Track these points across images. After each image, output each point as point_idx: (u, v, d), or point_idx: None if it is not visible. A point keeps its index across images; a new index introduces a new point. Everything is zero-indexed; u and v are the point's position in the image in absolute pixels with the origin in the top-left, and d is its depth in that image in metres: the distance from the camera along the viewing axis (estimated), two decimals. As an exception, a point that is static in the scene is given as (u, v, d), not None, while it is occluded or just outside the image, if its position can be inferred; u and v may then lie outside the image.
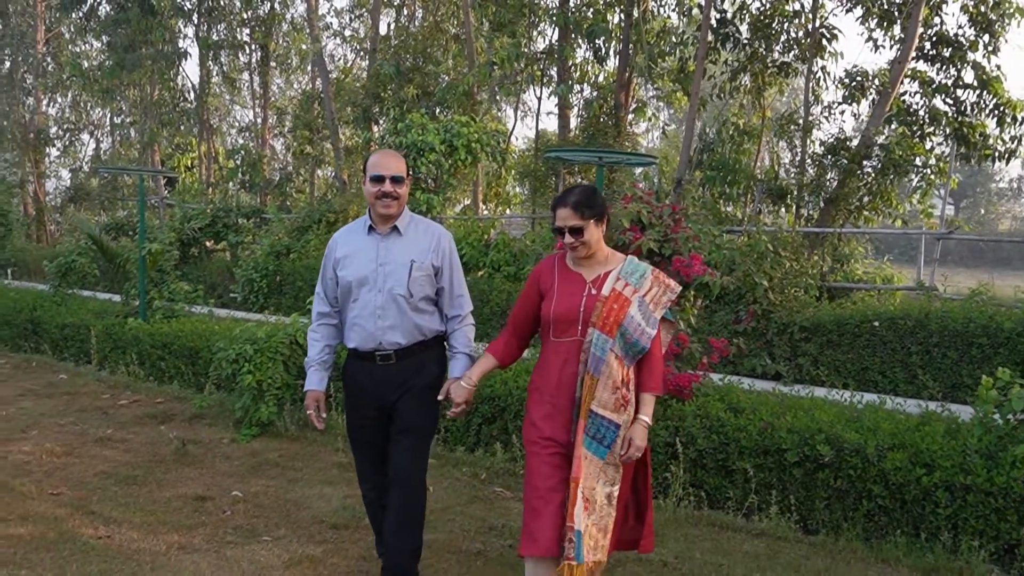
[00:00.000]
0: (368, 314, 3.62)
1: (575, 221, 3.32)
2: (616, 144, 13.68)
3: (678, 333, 5.69)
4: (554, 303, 3.38)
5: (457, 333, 3.77)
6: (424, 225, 3.81)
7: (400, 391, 3.65)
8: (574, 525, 3.19)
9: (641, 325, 3.31)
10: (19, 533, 4.58)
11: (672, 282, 3.51)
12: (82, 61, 24.85)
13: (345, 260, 3.70)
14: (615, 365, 3.28)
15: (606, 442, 3.29)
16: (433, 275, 3.67)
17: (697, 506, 5.28)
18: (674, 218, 5.70)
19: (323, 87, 18.24)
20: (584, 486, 3.24)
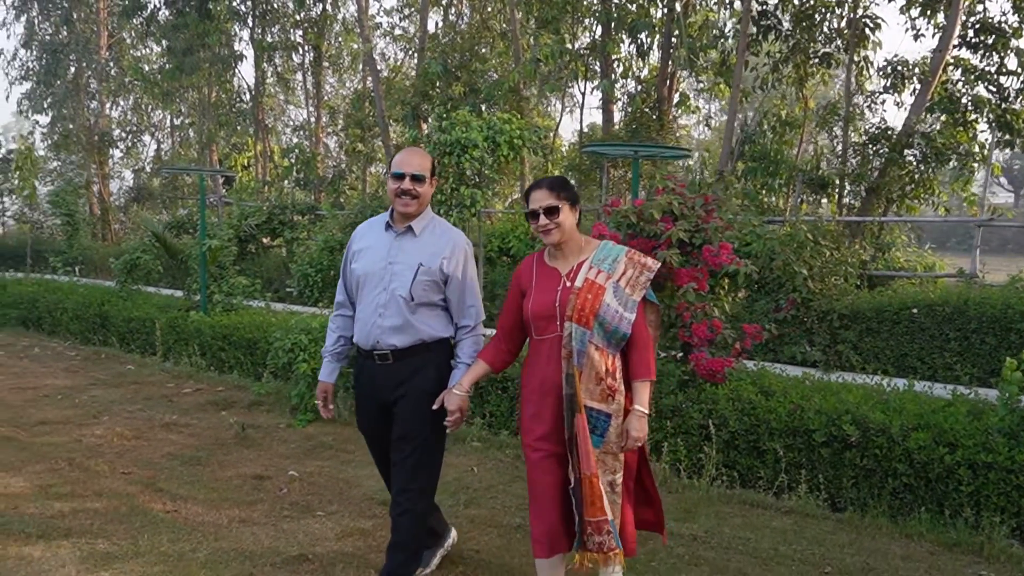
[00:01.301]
0: (371, 311, 3.58)
1: (550, 201, 3.30)
2: (659, 137, 13.82)
3: (712, 320, 5.89)
4: (531, 301, 3.35)
5: (463, 343, 3.67)
6: (442, 230, 3.70)
7: (397, 393, 3.59)
8: (607, 517, 3.26)
9: (619, 311, 3.25)
10: (95, 507, 4.98)
11: (649, 260, 3.41)
12: (143, 65, 25.63)
13: (359, 254, 3.68)
14: (596, 356, 3.24)
15: (599, 431, 3.28)
16: (441, 281, 3.58)
17: (730, 485, 5.49)
18: (706, 209, 5.90)
19: (374, 86, 18.66)
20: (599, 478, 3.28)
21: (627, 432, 3.29)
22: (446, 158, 7.04)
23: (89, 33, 25.81)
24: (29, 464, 5.78)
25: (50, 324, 12.20)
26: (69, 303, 11.92)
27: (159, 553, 4.30)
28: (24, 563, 4.12)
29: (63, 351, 10.80)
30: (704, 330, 5.81)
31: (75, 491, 5.23)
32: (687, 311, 5.89)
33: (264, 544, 4.49)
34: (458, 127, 7.05)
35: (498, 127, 7.00)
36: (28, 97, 27.18)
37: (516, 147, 7.06)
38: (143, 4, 22.29)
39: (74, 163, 27.84)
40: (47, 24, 26.40)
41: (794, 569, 4.30)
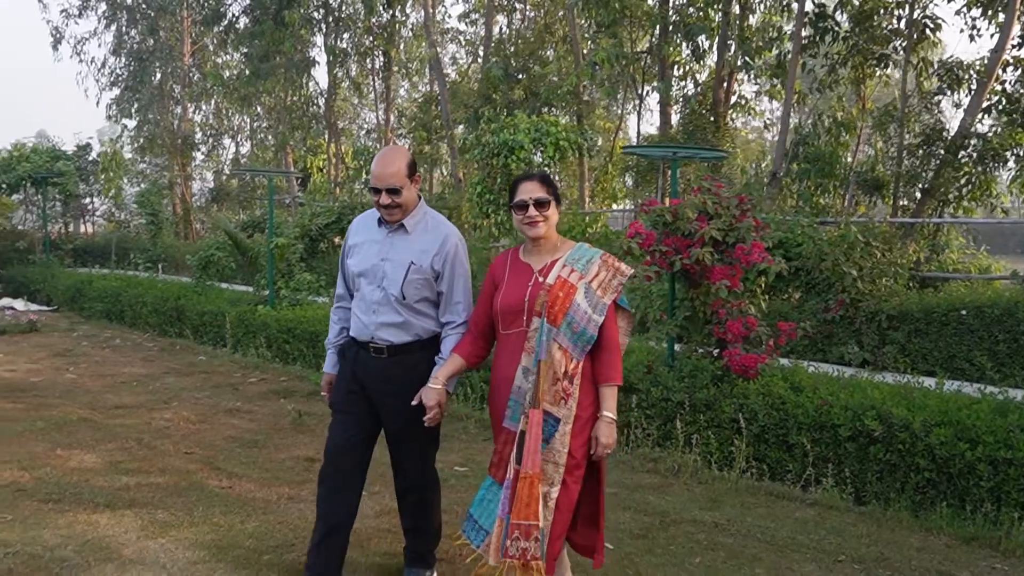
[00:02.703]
0: (365, 307, 3.56)
1: (541, 193, 3.26)
2: (714, 140, 13.87)
3: (747, 317, 6.04)
4: (502, 295, 3.31)
5: (447, 340, 3.58)
6: (434, 224, 3.61)
7: (387, 388, 3.56)
8: (538, 523, 3.10)
9: (588, 313, 3.18)
10: (158, 482, 5.41)
11: (623, 265, 3.35)
12: (223, 71, 26.63)
13: (354, 249, 3.66)
14: (558, 356, 3.16)
15: (544, 436, 3.15)
16: (433, 279, 3.51)
17: (758, 477, 5.65)
18: (741, 208, 6.04)
19: (440, 90, 19.11)
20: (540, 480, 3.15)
21: (596, 439, 3.19)
22: (494, 159, 7.32)
23: (173, 41, 26.89)
24: (102, 443, 6.27)
25: (131, 317, 12.91)
26: (148, 297, 12.60)
27: (211, 523, 4.68)
28: (91, 528, 4.53)
29: (142, 342, 11.44)
30: (739, 327, 5.96)
31: (141, 467, 5.68)
32: (722, 308, 6.06)
33: (308, 519, 4.81)
34: (506, 129, 7.32)
35: (545, 129, 7.24)
36: (117, 102, 28.45)
37: (562, 148, 7.29)
38: (223, 13, 23.23)
39: (158, 165, 29.03)
40: (135, 33, 27.60)
41: (808, 556, 4.44)
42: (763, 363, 5.93)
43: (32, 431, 6.54)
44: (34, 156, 18.72)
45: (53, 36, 27.60)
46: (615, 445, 3.26)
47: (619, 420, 6.33)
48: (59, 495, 5.04)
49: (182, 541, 4.40)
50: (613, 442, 3.23)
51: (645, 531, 4.75)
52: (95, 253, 20.41)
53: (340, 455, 3.68)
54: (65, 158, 19.71)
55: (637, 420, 6.26)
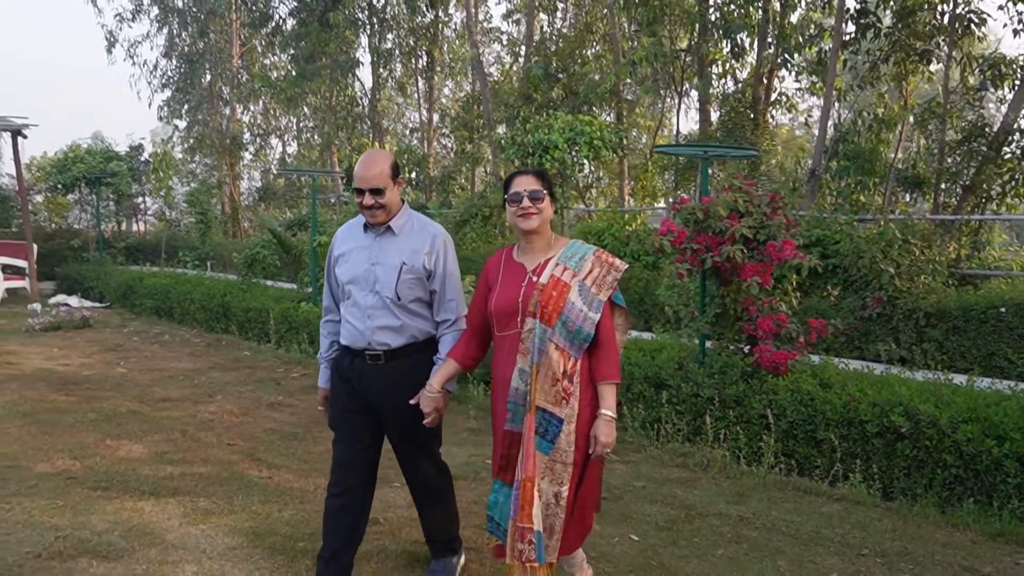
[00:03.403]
0: (359, 313, 3.54)
1: (536, 186, 3.23)
2: (753, 137, 13.81)
3: (778, 314, 6.08)
4: (495, 296, 3.27)
5: (444, 339, 3.60)
6: (421, 225, 3.62)
7: (387, 394, 3.55)
8: (532, 526, 3.07)
9: (583, 311, 3.12)
10: (201, 472, 5.62)
11: (617, 261, 3.31)
12: (270, 73, 27.11)
13: (341, 258, 3.65)
14: (555, 356, 3.12)
15: (549, 437, 3.13)
16: (425, 277, 3.52)
17: (787, 473, 5.69)
18: (772, 206, 6.08)
19: (481, 89, 19.28)
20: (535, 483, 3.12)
21: (595, 438, 3.14)
22: (529, 158, 7.43)
23: (223, 43, 27.43)
24: (149, 434, 6.52)
25: (179, 313, 13.26)
26: (196, 294, 12.93)
27: (250, 511, 4.87)
28: (137, 514, 4.75)
29: (189, 338, 11.76)
30: (769, 323, 6.01)
31: (185, 458, 5.91)
32: (753, 305, 6.11)
33: (343, 508, 4.99)
34: (540, 129, 7.43)
35: (579, 128, 7.33)
36: (168, 104, 29.11)
37: (596, 147, 7.37)
38: (270, 15, 23.66)
39: (208, 165, 29.63)
40: (185, 36, 28.22)
41: (831, 550, 4.49)
42: (793, 359, 5.97)
43: (83, 422, 6.82)
44: (88, 157, 19.25)
45: (107, 40, 28.32)
46: (614, 444, 3.20)
47: (649, 415, 6.47)
48: (107, 483, 5.28)
49: (222, 528, 4.60)
50: (612, 441, 3.16)
51: (670, 523, 4.84)
52: (146, 251, 20.92)
53: (347, 470, 3.71)
54: (118, 159, 20.24)
55: (667, 415, 6.33)
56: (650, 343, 7.43)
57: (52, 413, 7.10)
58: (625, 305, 3.39)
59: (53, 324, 12.32)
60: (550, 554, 3.17)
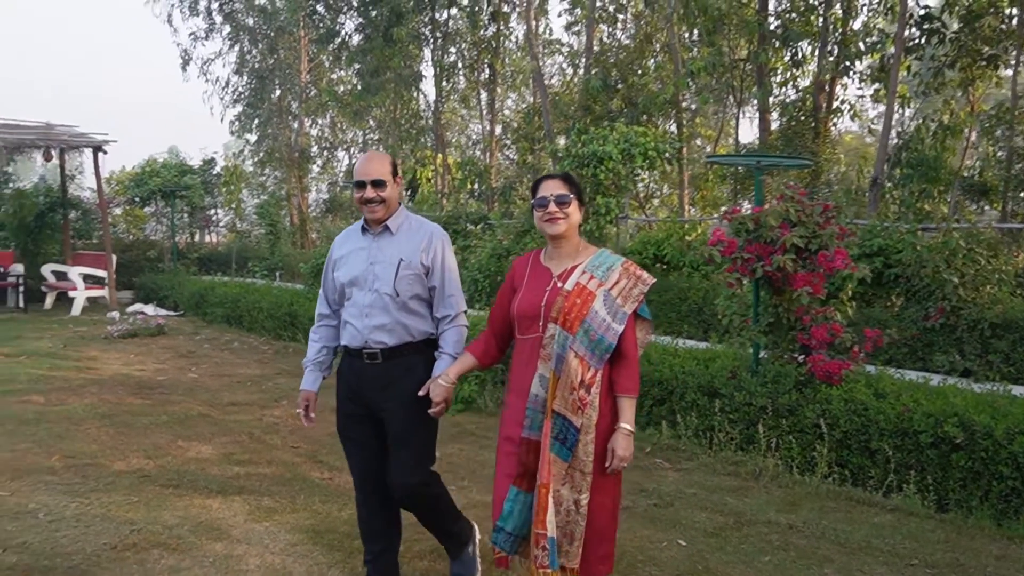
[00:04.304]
0: (357, 313, 3.57)
1: (563, 191, 3.21)
2: (814, 146, 13.69)
3: (832, 324, 6.08)
4: (519, 299, 3.25)
5: (446, 333, 3.62)
6: (418, 224, 3.68)
7: (385, 394, 3.57)
8: (546, 532, 3.03)
9: (606, 321, 3.09)
10: (265, 472, 5.87)
11: (645, 274, 3.24)
12: (337, 87, 27.72)
13: (340, 261, 3.71)
14: (574, 364, 3.07)
15: (568, 444, 3.09)
16: (423, 274, 3.56)
17: (840, 483, 5.68)
18: (826, 216, 6.09)
19: (542, 101, 19.46)
20: (551, 490, 3.09)
21: (612, 451, 3.10)
22: (583, 169, 7.55)
23: (291, 60, 28.14)
24: (217, 436, 6.81)
25: (248, 321, 13.69)
26: (264, 303, 13.34)
27: (311, 510, 5.08)
28: (205, 511, 5.00)
29: (258, 345, 12.14)
30: (823, 333, 6.02)
31: (251, 459, 6.17)
32: (806, 314, 6.12)
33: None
34: (595, 140, 7.55)
35: (633, 140, 7.43)
36: (239, 119, 29.96)
37: (651, 158, 7.47)
38: (337, 31, 24.23)
39: (277, 178, 30.38)
40: (256, 53, 29.03)
41: (880, 560, 4.50)
42: (847, 369, 5.96)
43: (157, 424, 7.15)
44: (163, 171, 19.96)
45: (182, 58, 29.28)
46: (631, 458, 3.15)
47: (702, 424, 6.52)
48: (178, 481, 5.56)
49: (284, 525, 4.82)
50: (629, 455, 3.12)
51: (719, 530, 4.90)
52: (218, 261, 21.58)
53: (365, 480, 3.76)
54: (191, 172, 20.95)
55: (720, 424, 6.37)
56: (704, 352, 7.47)
57: (128, 415, 7.45)
58: (650, 318, 3.33)
59: (130, 331, 12.83)
60: (570, 560, 3.13)
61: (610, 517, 3.24)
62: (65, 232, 18.21)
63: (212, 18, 28.34)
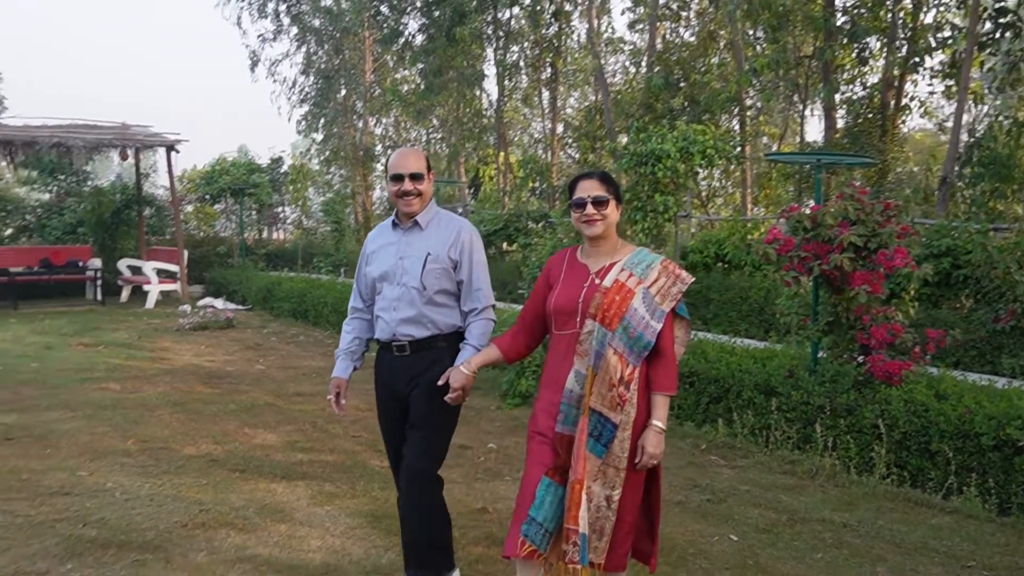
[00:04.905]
0: (386, 306, 3.66)
1: (600, 192, 3.19)
2: (881, 144, 13.44)
3: (892, 324, 6.03)
4: (556, 294, 3.25)
5: (472, 325, 3.67)
6: (447, 219, 3.74)
7: (412, 385, 3.64)
8: (578, 528, 3.03)
9: (645, 318, 3.08)
10: (327, 460, 6.06)
11: (683, 272, 3.23)
12: (400, 86, 28.07)
13: (372, 256, 3.79)
14: (613, 361, 3.07)
15: (603, 441, 3.08)
16: (451, 268, 3.63)
17: (899, 484, 5.63)
18: (886, 215, 6.04)
19: (603, 99, 19.48)
20: (584, 486, 3.08)
21: (643, 448, 3.09)
22: (642, 167, 7.59)
23: (356, 60, 28.57)
24: (282, 425, 7.04)
25: (314, 316, 14.00)
26: (329, 298, 13.62)
27: (370, 496, 5.24)
28: (269, 495, 5.20)
29: (322, 339, 12.42)
30: (883, 333, 5.97)
31: (314, 447, 6.37)
32: (866, 314, 6.08)
33: (455, 497, 5.29)
34: (653, 139, 7.58)
35: (692, 138, 7.45)
36: (305, 118, 30.55)
37: (709, 157, 7.47)
38: (401, 32, 24.55)
39: (342, 176, 30.90)
40: (322, 53, 29.55)
41: (936, 560, 4.47)
42: (908, 370, 5.90)
43: (225, 412, 7.41)
44: (233, 169, 20.49)
45: (251, 59, 29.97)
46: (662, 456, 3.16)
47: (758, 422, 6.51)
48: (244, 466, 5.78)
49: (344, 509, 4.98)
50: (660, 452, 3.12)
51: (771, 526, 4.91)
52: (285, 258, 22.05)
53: (400, 469, 3.79)
54: (260, 171, 21.45)
55: (776, 423, 6.36)
56: (762, 351, 7.44)
57: (198, 403, 7.74)
58: (688, 317, 3.33)
59: (201, 324, 13.23)
60: (598, 555, 3.14)
61: (637, 513, 3.24)
62: (140, 228, 18.81)
63: (279, 20, 28.95)
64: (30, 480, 5.34)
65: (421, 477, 3.65)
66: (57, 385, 8.44)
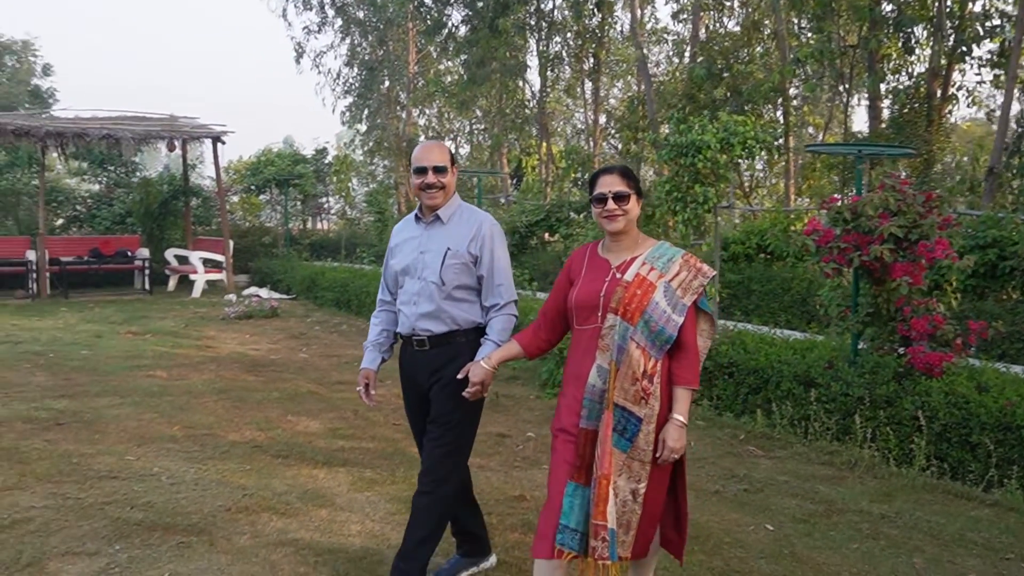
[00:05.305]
0: (407, 300, 3.65)
1: (621, 187, 3.17)
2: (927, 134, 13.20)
3: (934, 315, 5.97)
4: (577, 289, 3.22)
5: (493, 321, 3.63)
6: (468, 213, 3.71)
7: (432, 379, 3.63)
8: (606, 523, 3.02)
9: (666, 312, 3.06)
10: (368, 447, 6.17)
11: (705, 266, 3.21)
12: (444, 78, 28.23)
13: (396, 249, 3.78)
14: (636, 355, 3.05)
15: (628, 435, 3.06)
16: (471, 263, 3.60)
17: (939, 476, 5.59)
18: (928, 205, 5.98)
19: (646, 90, 19.39)
20: (611, 481, 3.05)
21: (663, 442, 3.07)
22: (682, 159, 7.58)
23: (400, 51, 28.80)
24: (325, 412, 7.18)
25: (356, 305, 14.19)
26: (372, 288, 13.77)
27: (409, 483, 5.30)
28: (311, 480, 5.33)
29: (365, 328, 12.53)
30: (924, 324, 5.92)
31: (355, 434, 6.49)
32: (907, 305, 6.03)
33: (493, 484, 5.38)
34: (694, 130, 7.57)
35: (732, 129, 7.42)
36: (349, 109, 30.86)
37: (750, 148, 7.44)
38: (444, 23, 24.67)
39: (386, 166, 31.15)
40: (366, 45, 29.82)
41: (973, 552, 4.44)
42: (949, 362, 5.85)
43: (269, 400, 7.58)
44: (278, 160, 20.78)
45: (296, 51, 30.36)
46: (683, 450, 3.11)
47: (797, 413, 6.49)
48: (287, 452, 5.91)
49: (384, 495, 5.09)
50: (681, 447, 3.08)
51: (808, 517, 4.91)
52: (328, 248, 22.31)
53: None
54: (304, 162, 21.72)
55: (816, 414, 6.34)
56: (802, 342, 7.42)
57: (243, 391, 7.91)
58: (711, 311, 3.29)
59: (246, 313, 13.48)
60: (625, 549, 3.12)
61: (662, 505, 3.23)
62: (187, 218, 19.18)
63: (324, 12, 29.27)
64: (80, 464, 5.53)
65: (434, 466, 3.67)
66: (106, 372, 8.69)
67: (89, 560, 4.06)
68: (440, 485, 3.65)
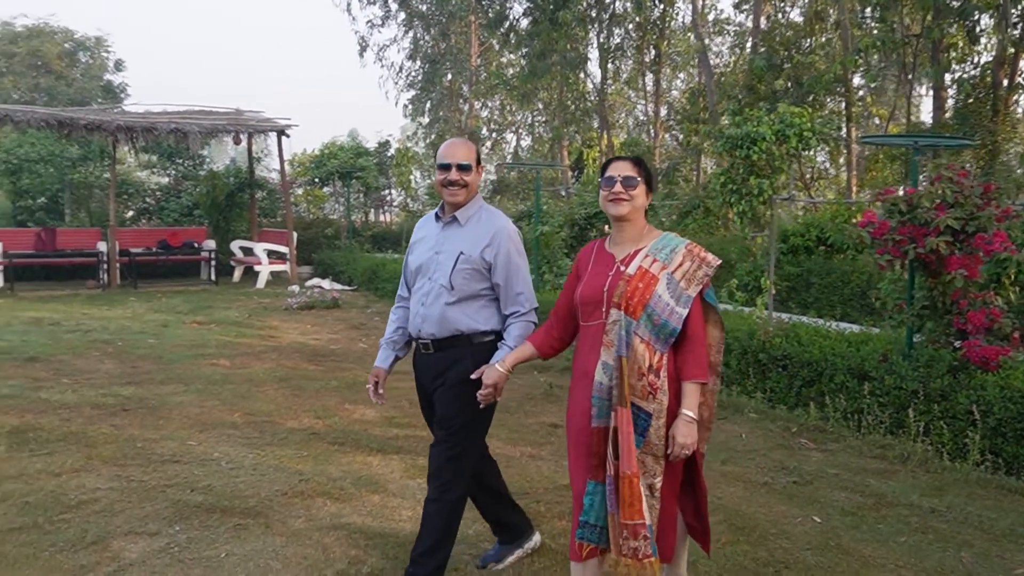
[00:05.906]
0: (417, 300, 3.62)
1: (631, 171, 3.14)
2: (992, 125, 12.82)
3: (991, 308, 5.87)
4: (583, 285, 3.19)
5: (511, 327, 3.55)
6: (487, 218, 3.61)
7: (436, 383, 3.61)
8: (644, 520, 2.98)
9: (670, 305, 3.01)
10: (422, 435, 6.29)
11: (709, 256, 3.16)
12: (505, 70, 28.35)
13: (414, 246, 3.75)
14: (641, 349, 3.00)
15: (639, 430, 3.01)
16: (484, 270, 3.51)
17: (993, 471, 5.50)
18: (986, 198, 5.88)
19: (706, 81, 19.23)
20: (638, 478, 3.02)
21: (673, 439, 3.02)
22: (737, 151, 7.55)
23: (462, 44, 29.02)
24: (381, 400, 7.35)
25: (415, 297, 14.37)
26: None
27: (460, 470, 5.46)
28: (366, 467, 5.50)
29: (422, 320, 12.78)
30: (980, 318, 5.84)
31: (409, 422, 6.65)
32: (963, 298, 5.95)
33: (543, 474, 5.48)
34: (749, 122, 7.54)
35: (788, 121, 7.37)
36: (412, 102, 31.19)
37: (806, 139, 7.38)
38: (506, 16, 24.79)
39: (447, 159, 31.39)
40: (428, 38, 30.11)
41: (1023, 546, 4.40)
42: (1005, 355, 5.75)
43: (327, 388, 7.79)
44: (341, 153, 21.14)
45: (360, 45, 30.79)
46: (694, 446, 3.06)
47: (850, 406, 6.45)
48: (343, 439, 6.10)
49: (435, 481, 5.22)
50: (692, 442, 3.03)
51: (856, 509, 4.90)
52: (390, 240, 22.62)
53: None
54: (367, 154, 22.06)
55: (869, 407, 6.29)
56: (857, 335, 7.34)
57: (302, 379, 8.15)
58: (716, 304, 3.24)
59: (308, 304, 13.78)
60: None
61: (675, 502, 3.22)
62: (252, 210, 19.64)
63: (387, 5, 29.60)
64: (144, 448, 5.78)
65: (434, 482, 3.63)
66: (172, 360, 9.01)
67: (150, 540, 4.27)
68: (446, 491, 3.59)
